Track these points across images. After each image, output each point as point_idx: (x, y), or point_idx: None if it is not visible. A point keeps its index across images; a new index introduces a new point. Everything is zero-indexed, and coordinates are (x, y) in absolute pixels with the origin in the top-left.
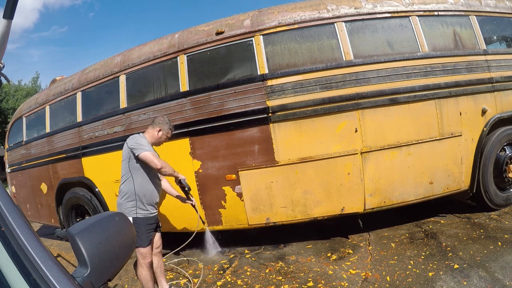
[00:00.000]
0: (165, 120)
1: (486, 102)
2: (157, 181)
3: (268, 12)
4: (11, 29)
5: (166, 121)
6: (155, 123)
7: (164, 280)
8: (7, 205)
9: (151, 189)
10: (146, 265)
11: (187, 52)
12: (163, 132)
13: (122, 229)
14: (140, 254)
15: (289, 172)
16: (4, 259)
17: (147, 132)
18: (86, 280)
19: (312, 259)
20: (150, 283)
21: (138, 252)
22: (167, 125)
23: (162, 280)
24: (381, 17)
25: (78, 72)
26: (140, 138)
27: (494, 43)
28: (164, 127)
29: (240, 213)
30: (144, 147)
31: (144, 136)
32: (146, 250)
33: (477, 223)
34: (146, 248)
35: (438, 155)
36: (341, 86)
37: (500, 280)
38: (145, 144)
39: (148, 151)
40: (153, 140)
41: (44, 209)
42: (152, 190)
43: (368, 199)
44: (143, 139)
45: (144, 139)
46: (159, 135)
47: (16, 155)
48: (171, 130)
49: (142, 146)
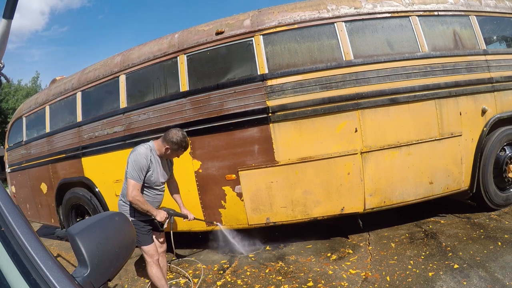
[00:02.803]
0: (178, 140)
1: (486, 102)
2: (154, 192)
3: (268, 12)
4: (10, 29)
5: (179, 141)
6: (166, 139)
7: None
8: (7, 205)
9: (148, 200)
10: (154, 263)
11: (187, 52)
12: (171, 152)
13: (122, 229)
14: (146, 253)
15: (289, 172)
16: (4, 259)
17: (157, 142)
18: (86, 280)
19: (312, 259)
20: (163, 281)
21: (144, 252)
22: (177, 145)
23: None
24: (381, 17)
25: (78, 72)
26: (139, 156)
27: (494, 43)
28: (174, 147)
29: (240, 213)
30: (135, 172)
31: (151, 146)
32: (151, 248)
33: (477, 223)
34: (150, 246)
35: (438, 155)
36: (341, 86)
37: (500, 280)
38: (141, 165)
39: (135, 179)
40: (160, 154)
41: (44, 209)
42: (148, 201)
43: (368, 199)
44: (142, 157)
45: (145, 154)
46: (166, 153)
47: (16, 155)
48: (182, 151)
49: (133, 170)
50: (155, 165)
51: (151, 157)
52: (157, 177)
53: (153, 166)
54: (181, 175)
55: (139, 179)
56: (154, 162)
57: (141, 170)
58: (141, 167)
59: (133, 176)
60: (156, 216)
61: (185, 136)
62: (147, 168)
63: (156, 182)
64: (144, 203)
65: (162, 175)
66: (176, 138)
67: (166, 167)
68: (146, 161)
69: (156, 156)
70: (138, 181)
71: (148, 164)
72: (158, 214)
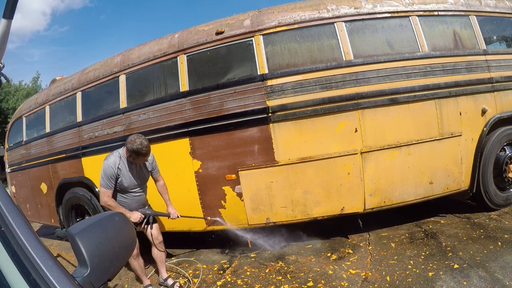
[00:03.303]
0: (133, 149)
1: (486, 102)
2: (131, 194)
3: (268, 12)
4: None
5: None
6: (126, 146)
7: (164, 270)
8: (7, 205)
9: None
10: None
11: (187, 52)
12: (133, 159)
13: (122, 229)
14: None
15: (289, 172)
16: (4, 259)
17: (125, 149)
18: (86, 280)
19: (312, 259)
20: (138, 271)
21: None
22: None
23: (162, 270)
24: (381, 17)
25: (78, 72)
26: (107, 166)
27: (494, 43)
28: (132, 155)
29: (240, 213)
30: (103, 181)
31: (120, 154)
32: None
33: (477, 223)
34: None
35: (438, 155)
36: (341, 86)
37: (500, 280)
38: (109, 174)
39: (104, 187)
40: (129, 159)
41: (44, 209)
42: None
43: (368, 199)
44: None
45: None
46: (131, 159)
47: (16, 155)
48: (142, 157)
49: (102, 179)
50: (125, 172)
51: (119, 165)
52: (129, 182)
53: (122, 173)
54: (181, 175)
55: (109, 187)
56: (123, 169)
57: (109, 178)
58: (109, 176)
59: (102, 184)
60: (130, 218)
61: (141, 143)
62: (115, 175)
63: (129, 186)
64: (116, 207)
65: (136, 179)
66: (131, 146)
67: (140, 171)
68: (114, 169)
69: (126, 162)
70: (107, 188)
71: (117, 172)
72: (131, 215)
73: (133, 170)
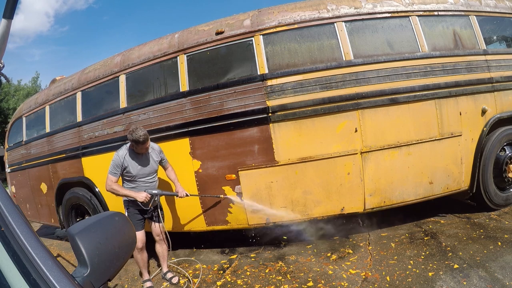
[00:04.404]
0: (131, 138)
1: (486, 102)
2: (140, 182)
3: (268, 12)
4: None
5: (132, 139)
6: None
7: (165, 265)
8: (7, 205)
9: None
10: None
11: (187, 52)
12: (135, 148)
13: (122, 229)
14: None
15: (289, 172)
16: (4, 259)
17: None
18: (86, 280)
19: (312, 259)
20: (140, 263)
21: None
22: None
23: (163, 265)
24: (381, 17)
25: (78, 72)
26: (116, 156)
27: (494, 43)
28: (132, 144)
29: (240, 213)
30: (112, 168)
31: (127, 146)
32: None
33: (477, 223)
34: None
35: (438, 155)
36: (341, 86)
37: (500, 280)
38: (116, 163)
39: (111, 174)
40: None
41: (44, 209)
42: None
43: (368, 199)
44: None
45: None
46: (135, 149)
47: (16, 155)
48: (141, 145)
49: (111, 167)
50: (131, 161)
51: (125, 156)
52: (137, 171)
53: (128, 163)
54: (181, 175)
55: (115, 174)
56: (128, 159)
57: (116, 166)
58: (116, 164)
59: (110, 171)
60: (136, 197)
61: (137, 132)
62: (121, 165)
63: (137, 175)
64: (120, 190)
65: (143, 167)
66: (130, 136)
67: (147, 161)
68: (121, 159)
69: (132, 153)
70: (113, 175)
71: (123, 162)
72: (138, 195)
73: (140, 160)
